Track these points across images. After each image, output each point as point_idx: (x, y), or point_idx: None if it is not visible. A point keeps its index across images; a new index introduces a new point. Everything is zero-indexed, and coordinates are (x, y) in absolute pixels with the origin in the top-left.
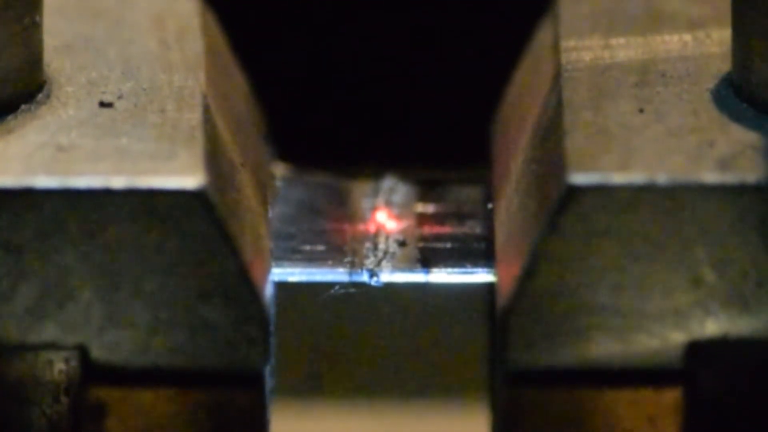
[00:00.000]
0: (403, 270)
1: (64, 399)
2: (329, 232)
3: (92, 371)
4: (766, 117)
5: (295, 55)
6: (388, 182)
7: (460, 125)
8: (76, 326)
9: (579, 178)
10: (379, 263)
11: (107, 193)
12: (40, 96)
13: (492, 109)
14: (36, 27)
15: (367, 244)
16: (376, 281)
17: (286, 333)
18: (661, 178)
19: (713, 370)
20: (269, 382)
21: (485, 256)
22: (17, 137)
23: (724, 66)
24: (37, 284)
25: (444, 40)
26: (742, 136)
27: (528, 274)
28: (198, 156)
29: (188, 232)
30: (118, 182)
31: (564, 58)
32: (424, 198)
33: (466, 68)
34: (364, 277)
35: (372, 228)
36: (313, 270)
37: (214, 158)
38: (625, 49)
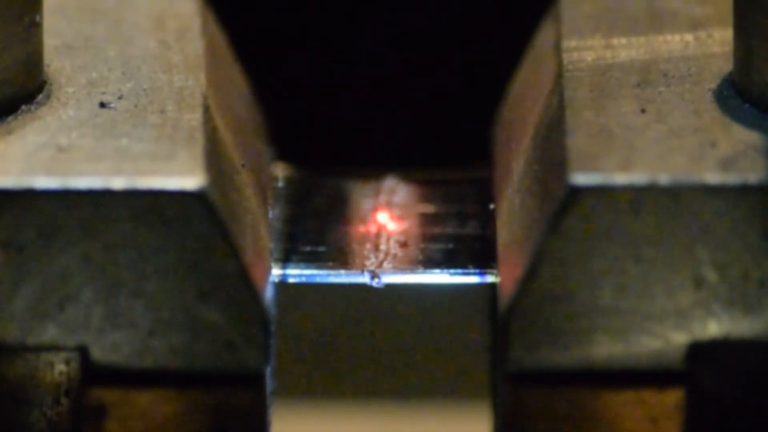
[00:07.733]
0: (404, 271)
1: (64, 400)
2: (330, 232)
3: (92, 372)
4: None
5: (295, 54)
6: (389, 182)
7: (462, 125)
8: (77, 327)
9: (581, 178)
10: (380, 264)
11: (107, 194)
12: (40, 96)
13: (493, 109)
14: (36, 27)
15: (368, 245)
16: (377, 282)
17: (287, 334)
18: (663, 178)
19: (715, 371)
20: (269, 383)
21: (487, 257)
22: (17, 138)
23: (726, 66)
24: (37, 285)
25: (445, 39)
26: (744, 136)
27: (530, 275)
28: (198, 156)
29: (188, 232)
30: (118, 183)
31: (565, 58)
32: (425, 198)
33: (468, 68)
34: (365, 278)
35: (373, 228)
36: (314, 271)
37: (214, 159)
38: (627, 49)
